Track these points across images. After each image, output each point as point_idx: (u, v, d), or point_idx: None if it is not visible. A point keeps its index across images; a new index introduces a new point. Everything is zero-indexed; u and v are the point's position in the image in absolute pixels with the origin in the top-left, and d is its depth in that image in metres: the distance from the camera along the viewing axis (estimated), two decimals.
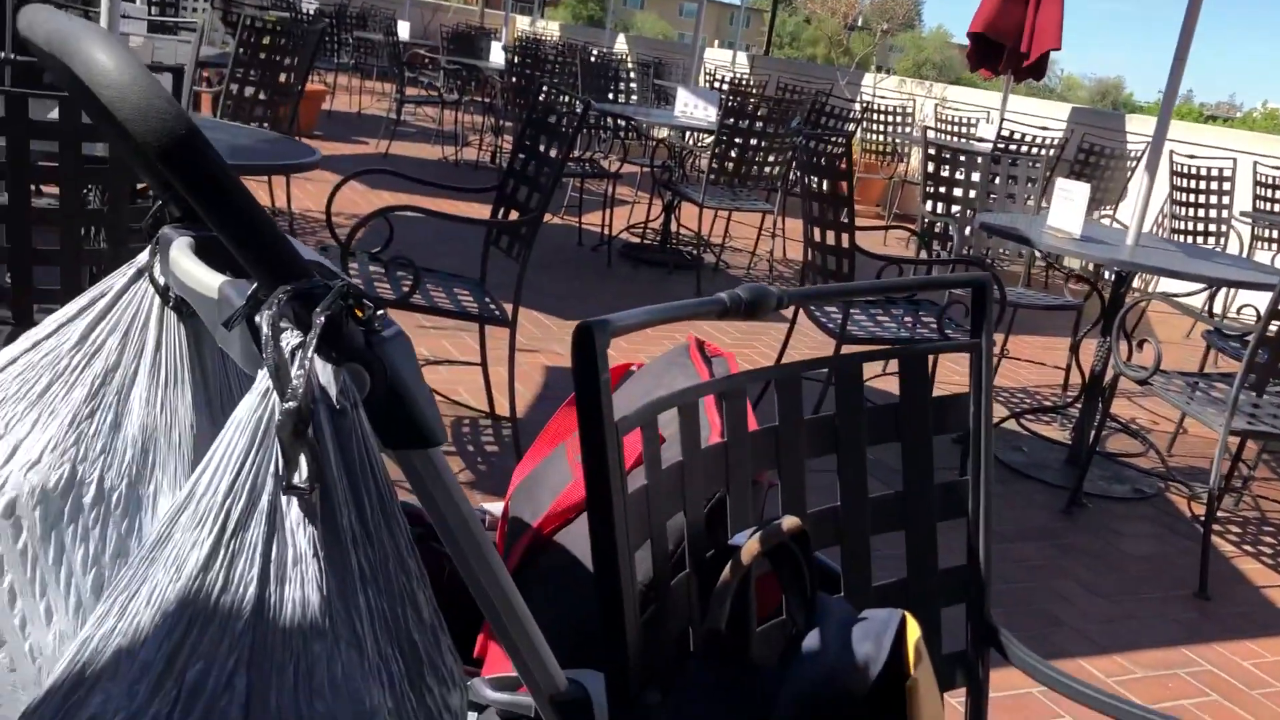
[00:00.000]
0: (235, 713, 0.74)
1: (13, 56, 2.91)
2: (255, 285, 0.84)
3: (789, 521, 0.85)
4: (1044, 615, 2.88)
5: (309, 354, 0.76)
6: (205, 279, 0.93)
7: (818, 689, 0.78)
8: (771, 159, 5.79)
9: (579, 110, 3.29)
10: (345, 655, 0.78)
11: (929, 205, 4.75)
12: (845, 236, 3.57)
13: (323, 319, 0.78)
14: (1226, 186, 6.00)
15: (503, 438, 3.41)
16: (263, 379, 0.81)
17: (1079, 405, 4.02)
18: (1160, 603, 3.06)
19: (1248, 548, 3.56)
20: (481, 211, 3.61)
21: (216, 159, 0.78)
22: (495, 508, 1.57)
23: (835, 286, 1.00)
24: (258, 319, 0.80)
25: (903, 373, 1.10)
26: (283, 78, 4.86)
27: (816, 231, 3.77)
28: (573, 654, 1.08)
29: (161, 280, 1.11)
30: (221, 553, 0.78)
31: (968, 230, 4.65)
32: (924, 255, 4.75)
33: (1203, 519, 3.43)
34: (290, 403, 0.76)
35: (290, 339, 0.80)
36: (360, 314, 0.86)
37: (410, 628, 0.88)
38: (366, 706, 0.78)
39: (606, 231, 6.47)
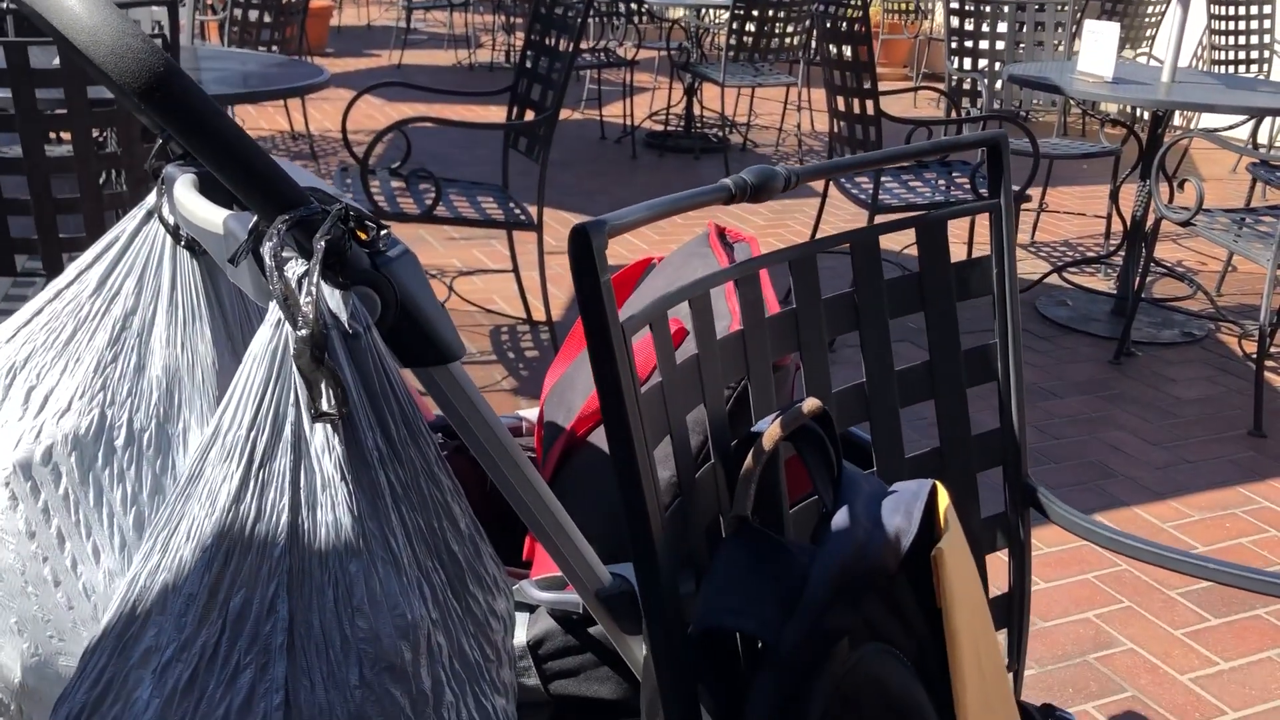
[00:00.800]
0: (279, 636, 0.76)
1: (12, 6, 2.89)
2: (257, 218, 0.84)
3: (809, 403, 0.85)
4: (1097, 467, 2.88)
5: (313, 281, 0.76)
6: (209, 215, 0.93)
7: (849, 564, 0.78)
8: (791, 29, 5.64)
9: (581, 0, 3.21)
10: (382, 572, 0.79)
11: (956, 62, 4.61)
12: (869, 103, 3.49)
13: (323, 245, 0.77)
14: (1268, 10, 5.76)
15: (541, 342, 3.43)
16: (274, 310, 0.82)
17: (1122, 253, 3.95)
18: (1214, 444, 3.04)
19: None
20: (498, 114, 3.57)
21: (198, 94, 0.77)
22: (532, 413, 1.59)
23: (841, 161, 0.97)
24: (262, 251, 0.80)
25: (920, 241, 1.08)
26: None
27: (840, 101, 3.69)
28: (616, 549, 1.10)
29: (171, 219, 1.11)
30: (251, 484, 0.79)
31: (998, 84, 4.53)
32: (954, 114, 4.64)
33: (1254, 356, 3.39)
34: (303, 330, 0.76)
35: (295, 268, 0.80)
36: (364, 236, 0.85)
37: (448, 539, 0.89)
38: (408, 619, 0.80)
39: (629, 122, 6.37)
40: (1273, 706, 2.02)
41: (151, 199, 1.12)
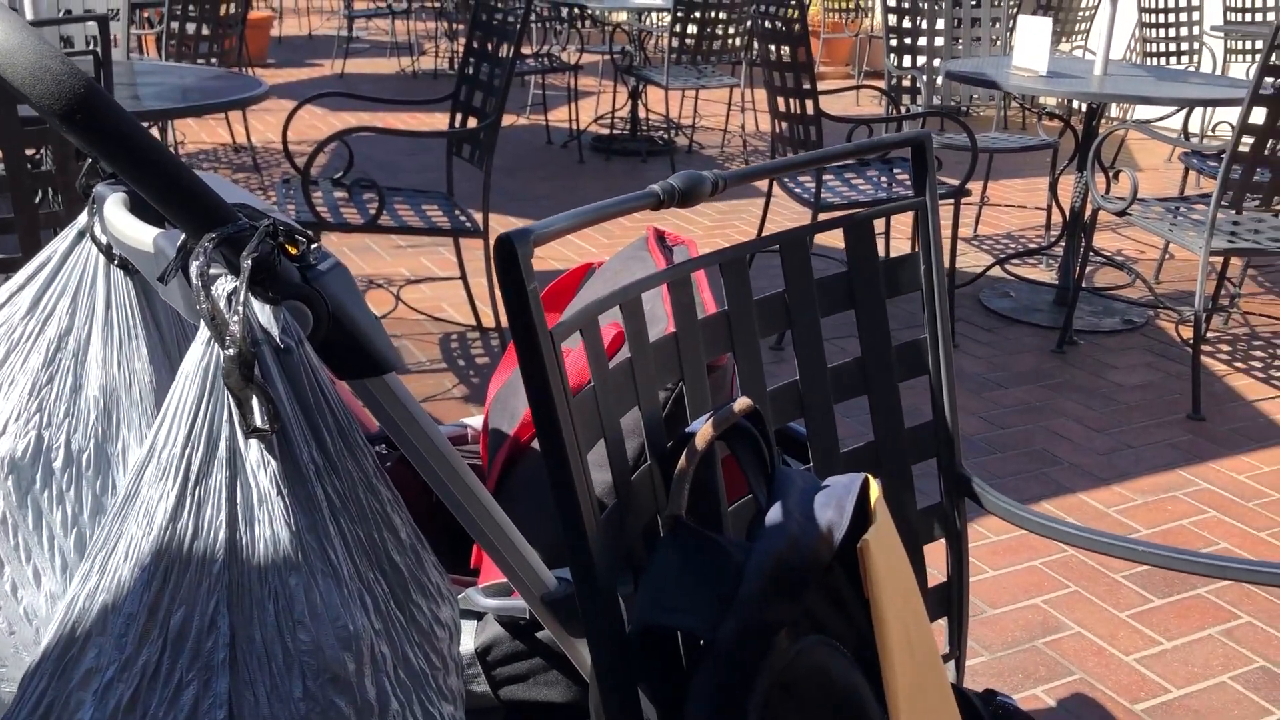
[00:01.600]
0: (221, 652, 0.76)
1: None
2: (185, 236, 0.85)
3: (741, 402, 0.86)
4: (1042, 455, 2.93)
5: (241, 298, 0.77)
6: (139, 234, 0.93)
7: (783, 558, 0.80)
8: (732, 31, 5.68)
9: (522, 6, 3.22)
10: (323, 585, 0.80)
11: (895, 59, 4.67)
12: (810, 103, 3.52)
13: (250, 261, 0.78)
14: (1195, 1, 5.89)
15: (491, 348, 3.43)
16: (205, 328, 0.82)
17: (1062, 244, 4.02)
18: (1155, 429, 3.11)
19: (1239, 365, 3.60)
20: (443, 121, 3.56)
21: (120, 114, 0.77)
22: (477, 421, 1.59)
23: (767, 165, 0.99)
24: (189, 270, 0.81)
25: (848, 240, 1.10)
26: (224, 9, 4.75)
27: (781, 101, 3.72)
28: (564, 552, 1.11)
29: (103, 239, 1.11)
30: (188, 501, 0.80)
31: (939, 80, 4.59)
32: (894, 112, 4.69)
33: (1191, 342, 3.46)
34: (230, 349, 0.76)
35: (224, 285, 0.81)
36: (294, 250, 0.86)
37: (389, 550, 0.90)
38: (350, 630, 0.80)
39: (574, 126, 6.38)
40: (1214, 683, 2.08)
41: (83, 218, 1.12)
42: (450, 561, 1.46)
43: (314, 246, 0.87)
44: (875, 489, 0.86)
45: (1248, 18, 6.26)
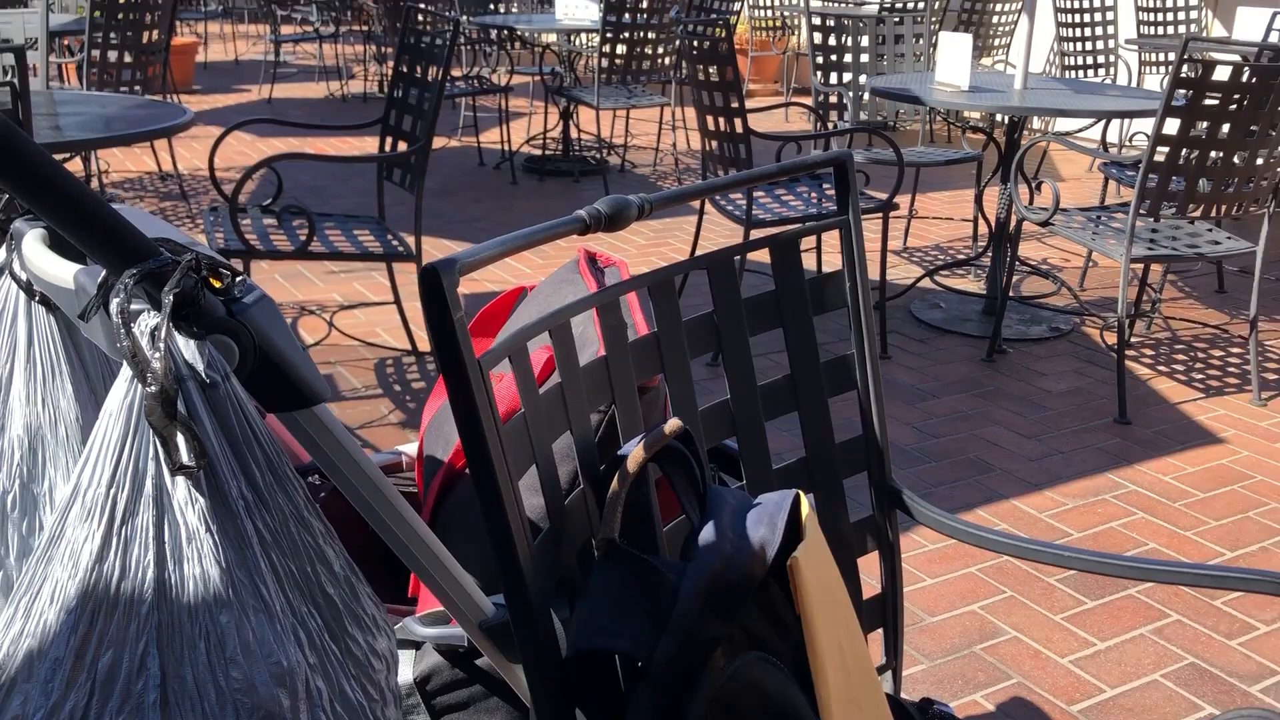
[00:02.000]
0: (152, 694, 0.75)
1: None
2: (105, 272, 0.84)
3: (671, 424, 0.87)
4: (975, 463, 2.98)
5: (163, 334, 0.76)
6: (58, 271, 0.92)
7: (717, 577, 0.81)
8: (661, 50, 5.73)
9: (450, 29, 3.22)
10: (255, 621, 0.79)
11: (820, 77, 4.74)
12: (738, 121, 3.56)
13: (171, 297, 0.77)
14: (1110, 16, 6.05)
15: (427, 372, 3.41)
16: (128, 365, 0.81)
17: (989, 255, 4.10)
18: (1084, 434, 3.18)
19: (1161, 368, 3.69)
20: (373, 145, 3.54)
21: (34, 150, 0.76)
22: (411, 448, 1.58)
23: (693, 187, 1.00)
24: (109, 307, 0.80)
25: (774, 260, 1.12)
26: (147, 36, 4.68)
27: (711, 120, 3.75)
28: (497, 579, 1.11)
29: (23, 275, 1.09)
30: (114, 542, 0.78)
31: (865, 96, 4.66)
32: (822, 128, 4.75)
33: (1116, 347, 3.54)
34: (152, 386, 0.75)
35: (147, 321, 0.80)
36: (218, 283, 0.85)
37: (323, 583, 0.89)
38: (284, 666, 0.79)
39: (506, 148, 6.38)
40: (1146, 681, 2.12)
41: (1, 255, 1.10)
42: (387, 591, 1.45)
43: (238, 279, 0.86)
44: (805, 505, 0.87)
45: (1160, 30, 6.45)
